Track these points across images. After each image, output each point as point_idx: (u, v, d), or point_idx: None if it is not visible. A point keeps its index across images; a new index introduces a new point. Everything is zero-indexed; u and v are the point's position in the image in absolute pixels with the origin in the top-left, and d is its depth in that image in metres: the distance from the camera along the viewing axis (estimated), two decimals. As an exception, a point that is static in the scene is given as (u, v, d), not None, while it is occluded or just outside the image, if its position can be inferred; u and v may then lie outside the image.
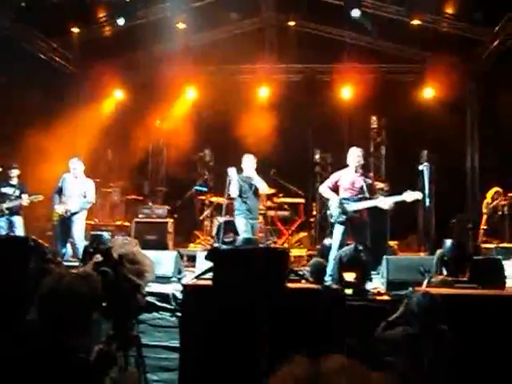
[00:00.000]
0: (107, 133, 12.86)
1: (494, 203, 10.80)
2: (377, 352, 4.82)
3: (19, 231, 9.44)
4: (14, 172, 9.72)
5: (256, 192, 9.11)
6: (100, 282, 3.08)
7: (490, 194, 10.94)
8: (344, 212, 7.55)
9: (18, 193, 9.55)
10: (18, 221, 9.59)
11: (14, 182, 9.71)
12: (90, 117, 12.87)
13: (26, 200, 9.38)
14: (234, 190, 8.91)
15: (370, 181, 7.74)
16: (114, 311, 3.55)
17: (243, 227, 8.78)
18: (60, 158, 9.97)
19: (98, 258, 3.73)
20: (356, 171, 7.73)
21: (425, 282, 6.44)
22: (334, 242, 7.65)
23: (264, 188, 9.26)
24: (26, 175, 9.99)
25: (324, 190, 7.96)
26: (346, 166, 7.88)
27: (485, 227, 10.84)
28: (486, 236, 10.74)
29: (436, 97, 12.98)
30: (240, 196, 8.93)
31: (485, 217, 10.92)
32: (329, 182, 7.92)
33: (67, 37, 11.96)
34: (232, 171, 8.90)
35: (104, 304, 3.29)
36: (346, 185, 7.74)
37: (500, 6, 10.34)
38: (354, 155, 7.79)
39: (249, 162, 9.07)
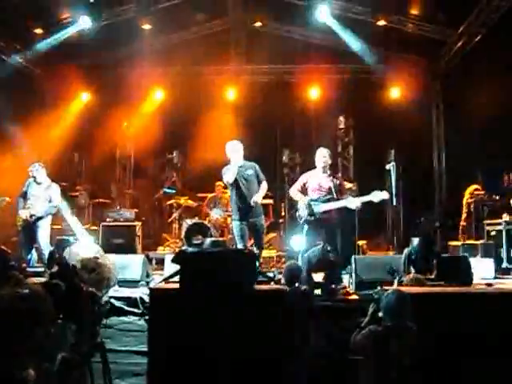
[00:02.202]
0: (73, 135, 12.69)
1: (472, 200, 10.80)
2: (346, 351, 4.84)
3: None
4: None
5: (252, 183, 7.86)
6: (46, 299, 2.99)
7: (468, 191, 10.96)
8: (312, 213, 7.55)
9: None
10: None
11: None
12: (56, 119, 12.68)
13: None
14: (228, 175, 7.73)
15: (338, 181, 7.74)
16: (72, 321, 3.49)
17: (235, 232, 7.87)
18: (25, 162, 9.77)
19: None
20: (324, 172, 7.73)
21: (395, 281, 6.48)
22: (303, 243, 7.65)
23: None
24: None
25: (293, 192, 7.94)
26: (314, 166, 7.87)
27: (464, 224, 10.88)
28: (464, 233, 10.79)
29: (402, 96, 13.12)
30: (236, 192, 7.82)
31: (464, 214, 10.94)
32: (298, 185, 7.90)
33: (31, 38, 11.73)
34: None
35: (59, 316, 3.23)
36: (313, 186, 7.73)
37: (463, 7, 10.49)
38: (321, 156, 7.78)
39: (234, 148, 7.89)
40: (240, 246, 7.66)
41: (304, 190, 7.80)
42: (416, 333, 4.30)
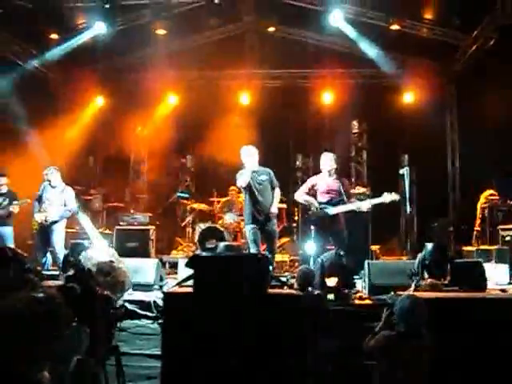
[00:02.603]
0: (88, 140, 12.78)
1: (487, 205, 10.73)
2: (359, 356, 4.84)
3: (10, 242, 9.20)
4: (2, 180, 9.39)
5: (266, 189, 7.90)
6: (61, 303, 3.01)
7: (483, 196, 10.90)
8: (324, 216, 7.56)
9: (7, 201, 9.32)
10: (9, 232, 9.37)
11: (4, 190, 9.39)
12: (70, 123, 12.78)
13: (16, 207, 9.20)
14: (242, 179, 7.77)
15: (344, 185, 7.77)
16: (87, 324, 3.52)
17: (248, 237, 7.89)
18: (40, 166, 9.85)
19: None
20: (330, 175, 7.77)
21: (412, 286, 6.47)
22: (315, 247, 7.67)
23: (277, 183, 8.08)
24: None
25: (300, 195, 7.95)
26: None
27: (478, 229, 10.82)
28: (479, 238, 10.72)
29: (416, 100, 13.08)
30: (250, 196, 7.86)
31: (478, 219, 10.88)
32: (305, 188, 7.93)
33: (46, 43, 11.84)
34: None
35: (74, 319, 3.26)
36: (322, 189, 7.76)
37: (477, 11, 10.46)
38: (327, 160, 7.84)
39: (249, 153, 7.95)
40: (253, 250, 7.65)
41: (312, 194, 7.82)
42: (430, 338, 4.29)
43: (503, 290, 6.91)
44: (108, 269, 4.20)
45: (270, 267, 6.62)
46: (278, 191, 8.00)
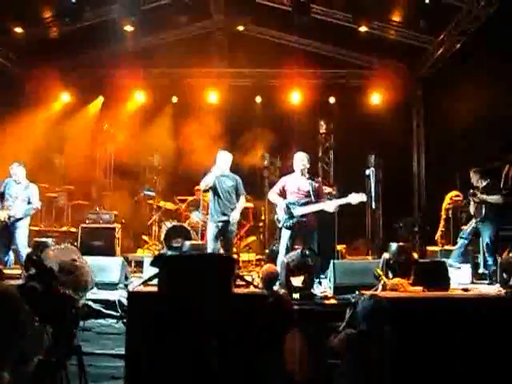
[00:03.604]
0: (53, 136, 12.58)
1: (451, 206, 10.87)
2: (323, 355, 4.86)
3: None
4: None
5: (231, 193, 8.22)
6: (20, 299, 2.96)
7: (448, 196, 11.03)
8: (291, 216, 7.60)
9: None
10: None
11: None
12: (36, 120, 12.55)
13: None
14: (204, 183, 8.17)
15: (316, 185, 7.81)
16: (49, 323, 3.46)
17: (208, 234, 8.24)
18: (3, 162, 9.67)
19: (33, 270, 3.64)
20: (302, 175, 7.80)
21: (380, 286, 6.53)
22: (282, 246, 7.71)
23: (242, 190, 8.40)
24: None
25: (272, 195, 8.01)
26: (293, 170, 7.95)
27: (442, 229, 10.95)
28: (443, 238, 10.86)
29: (383, 101, 13.22)
30: (214, 196, 8.22)
31: (443, 220, 11.01)
32: (276, 188, 7.98)
33: (10, 37, 11.61)
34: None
35: (35, 319, 3.21)
36: (292, 189, 7.81)
37: (444, 15, 10.62)
38: (299, 160, 7.88)
39: (224, 158, 8.26)
40: (211, 247, 7.97)
41: (283, 194, 7.87)
42: (393, 337, 4.34)
43: (465, 290, 7.01)
44: (70, 267, 4.14)
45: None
46: (242, 199, 8.35)
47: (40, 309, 3.31)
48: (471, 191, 8.97)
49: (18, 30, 11.16)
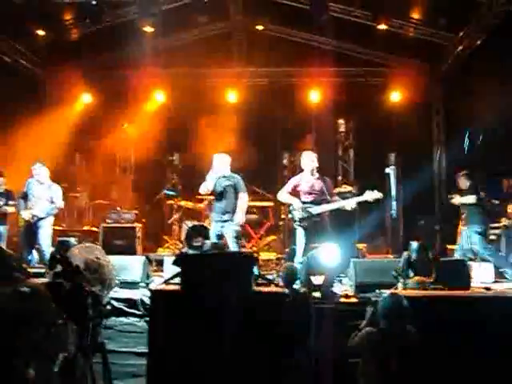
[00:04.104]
0: (75, 136, 12.69)
1: None
2: (345, 354, 4.87)
3: (2, 242, 9.18)
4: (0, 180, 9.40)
5: (229, 192, 8.21)
6: (48, 297, 3.01)
7: None
8: (308, 216, 7.61)
9: (3, 201, 9.28)
10: (3, 231, 9.34)
11: (1, 190, 9.39)
12: (57, 120, 12.66)
13: (11, 207, 9.21)
14: (204, 187, 8.26)
15: (327, 183, 7.81)
16: (74, 321, 3.51)
17: (212, 231, 8.30)
18: (26, 163, 9.80)
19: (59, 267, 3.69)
20: (312, 174, 7.81)
21: (400, 285, 6.53)
22: (298, 246, 7.71)
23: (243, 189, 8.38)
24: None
25: (282, 195, 8.01)
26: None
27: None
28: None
29: (402, 100, 13.15)
30: (215, 198, 8.34)
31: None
32: (288, 187, 7.98)
33: (32, 39, 11.76)
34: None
35: (62, 316, 3.25)
36: (305, 189, 7.81)
37: (464, 12, 10.54)
38: (309, 159, 7.90)
39: (221, 161, 8.32)
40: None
41: (295, 193, 7.86)
42: (415, 335, 4.33)
43: (488, 289, 6.97)
44: (95, 266, 4.19)
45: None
46: (242, 197, 8.24)
47: (66, 306, 3.36)
48: (449, 195, 8.98)
49: (40, 32, 11.30)
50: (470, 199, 8.65)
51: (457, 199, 8.83)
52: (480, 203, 8.64)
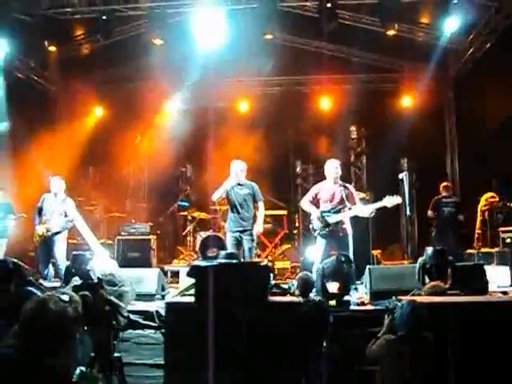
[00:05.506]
0: (88, 150, 12.79)
1: (487, 208, 10.73)
2: (361, 362, 4.84)
3: (1, 254, 9.30)
4: None
5: (248, 201, 8.15)
6: (80, 304, 3.06)
7: (483, 198, 10.90)
8: (326, 225, 7.60)
9: (1, 214, 9.38)
10: (3, 243, 9.44)
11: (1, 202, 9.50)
12: (70, 134, 12.79)
13: (11, 220, 9.29)
14: (217, 194, 8.18)
15: (348, 191, 7.78)
16: (94, 333, 3.54)
17: (228, 242, 8.23)
18: (40, 177, 9.88)
19: (77, 280, 3.72)
20: (335, 183, 7.78)
21: (416, 291, 6.47)
22: (318, 254, 7.69)
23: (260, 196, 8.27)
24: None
25: (305, 203, 8.01)
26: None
27: (479, 231, 10.81)
28: (480, 241, 10.71)
29: (414, 104, 13.12)
30: (231, 207, 8.22)
31: (479, 222, 10.87)
32: (309, 196, 7.96)
33: (45, 55, 11.89)
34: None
35: (84, 327, 3.28)
36: (325, 197, 7.79)
37: (473, 15, 10.51)
38: (332, 167, 7.85)
39: (239, 168, 8.15)
40: None
41: (316, 202, 7.85)
42: (432, 342, 4.30)
43: (505, 293, 6.90)
44: (114, 279, 4.22)
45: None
46: (261, 206, 8.23)
47: (90, 318, 3.38)
48: None
49: (52, 48, 11.42)
50: None
51: None
52: None
